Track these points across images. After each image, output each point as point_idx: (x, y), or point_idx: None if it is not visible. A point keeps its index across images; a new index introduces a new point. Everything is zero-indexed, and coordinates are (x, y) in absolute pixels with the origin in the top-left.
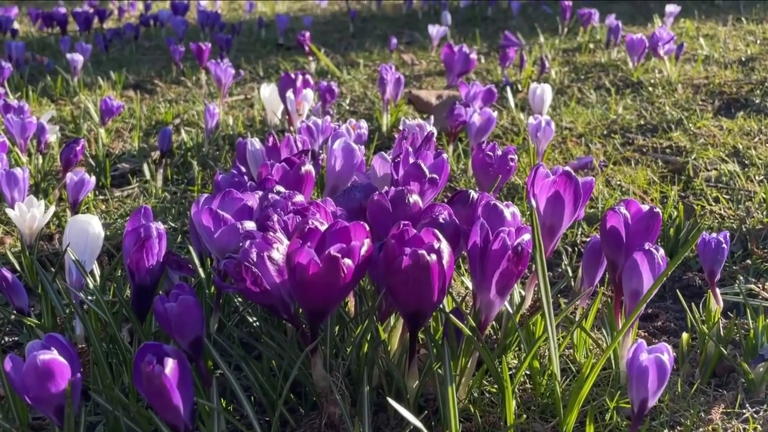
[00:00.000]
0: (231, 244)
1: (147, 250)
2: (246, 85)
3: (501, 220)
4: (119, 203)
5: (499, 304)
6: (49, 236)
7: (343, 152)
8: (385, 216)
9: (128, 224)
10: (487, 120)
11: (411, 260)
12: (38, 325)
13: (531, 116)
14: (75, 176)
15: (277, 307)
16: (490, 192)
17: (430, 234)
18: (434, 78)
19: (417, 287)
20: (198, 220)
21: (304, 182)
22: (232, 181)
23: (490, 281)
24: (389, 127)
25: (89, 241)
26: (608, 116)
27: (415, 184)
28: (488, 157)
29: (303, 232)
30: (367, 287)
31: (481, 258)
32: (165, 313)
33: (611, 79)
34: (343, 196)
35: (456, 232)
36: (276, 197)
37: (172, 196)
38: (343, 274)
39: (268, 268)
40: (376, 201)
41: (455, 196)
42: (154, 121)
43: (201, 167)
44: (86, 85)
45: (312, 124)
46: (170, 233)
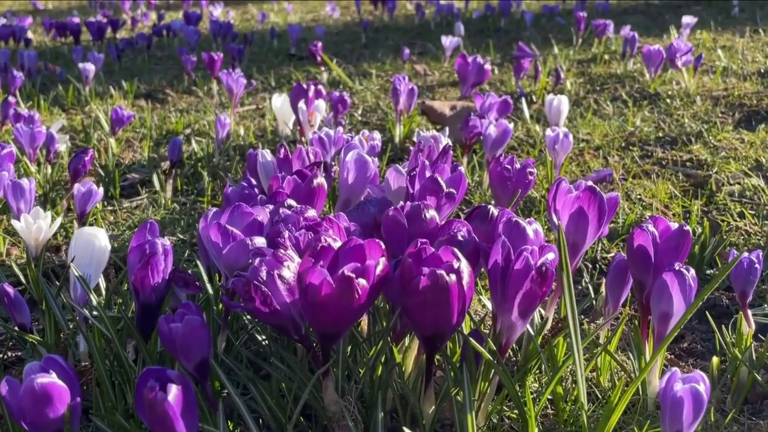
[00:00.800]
0: (240, 260)
1: (152, 267)
2: (258, 95)
3: (523, 238)
4: (128, 214)
5: (521, 326)
6: (56, 248)
7: (356, 164)
8: (401, 232)
9: (133, 240)
10: (503, 132)
11: (429, 281)
12: (40, 342)
13: (548, 128)
14: (82, 187)
15: (287, 327)
16: (509, 207)
17: (449, 253)
18: (447, 89)
19: (435, 309)
20: (206, 235)
21: (316, 195)
22: (242, 193)
23: (511, 303)
24: (402, 139)
25: (95, 255)
26: (626, 128)
27: (432, 199)
28: (506, 170)
29: (315, 250)
30: (381, 305)
31: (502, 278)
32: (170, 334)
33: (628, 91)
34: (356, 210)
35: (475, 250)
36: (287, 212)
37: (181, 207)
38: (357, 296)
39: (279, 288)
40: (391, 216)
41: (474, 211)
42: (165, 131)
43: (211, 178)
44: (98, 95)
45: (324, 135)
46: (179, 246)
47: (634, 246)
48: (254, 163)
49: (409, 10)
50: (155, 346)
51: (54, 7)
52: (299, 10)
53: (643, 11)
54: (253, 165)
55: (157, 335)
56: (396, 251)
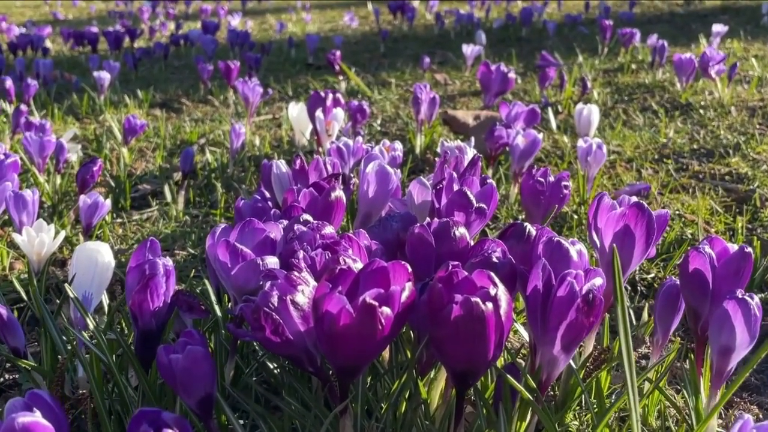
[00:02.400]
0: (250, 282)
1: (151, 290)
2: (274, 105)
3: (566, 261)
4: (137, 227)
5: (564, 361)
6: (62, 262)
7: (377, 176)
8: (427, 251)
9: (132, 259)
10: (531, 142)
11: (462, 310)
12: (35, 368)
13: (579, 139)
14: (88, 199)
15: (300, 359)
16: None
17: (485, 277)
18: (469, 98)
19: (469, 342)
20: (213, 253)
21: (334, 210)
22: (255, 207)
23: (554, 334)
24: (423, 149)
25: (98, 272)
26: (658, 140)
27: (460, 215)
28: (539, 183)
29: (333, 273)
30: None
31: (543, 306)
32: (169, 366)
33: (658, 101)
34: (378, 226)
35: (512, 273)
36: (302, 228)
37: (193, 219)
38: (380, 327)
39: (292, 315)
40: (416, 234)
41: (508, 229)
42: (179, 141)
43: (225, 189)
44: (112, 104)
45: (342, 146)
46: (188, 261)
47: (690, 270)
48: (268, 174)
49: (429, 19)
50: (157, 376)
51: (74, 17)
52: (317, 20)
53: (668, 21)
54: (268, 176)
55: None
56: (422, 273)
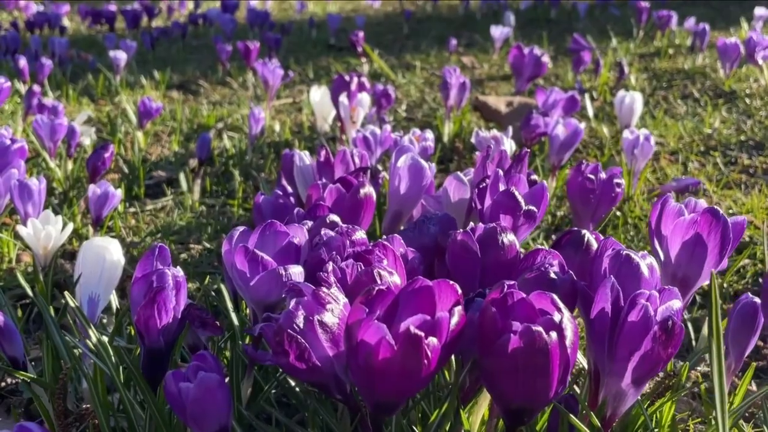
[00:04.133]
0: (271, 294)
1: (159, 305)
2: (295, 88)
3: (636, 278)
4: (151, 218)
5: (633, 396)
6: (71, 254)
7: (409, 171)
8: (472, 262)
9: (138, 268)
10: (572, 133)
11: (522, 342)
12: (34, 380)
13: (626, 130)
14: (98, 189)
15: (328, 386)
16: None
17: (546, 300)
18: (497, 83)
19: (529, 377)
20: (230, 261)
21: (363, 208)
22: (276, 204)
23: (623, 366)
24: (451, 137)
25: (105, 270)
26: (702, 130)
27: (507, 218)
28: (589, 181)
29: (370, 295)
30: None
31: (611, 333)
32: (179, 396)
33: (699, 88)
34: (413, 230)
35: (572, 292)
36: (330, 233)
37: (209, 210)
38: (426, 361)
39: (319, 338)
40: (459, 242)
41: (564, 237)
42: (196, 125)
43: (243, 178)
44: (128, 85)
45: (369, 134)
46: (204, 256)
47: None
48: (290, 165)
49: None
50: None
51: None
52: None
53: (705, 2)
54: (289, 168)
55: None
56: (465, 286)
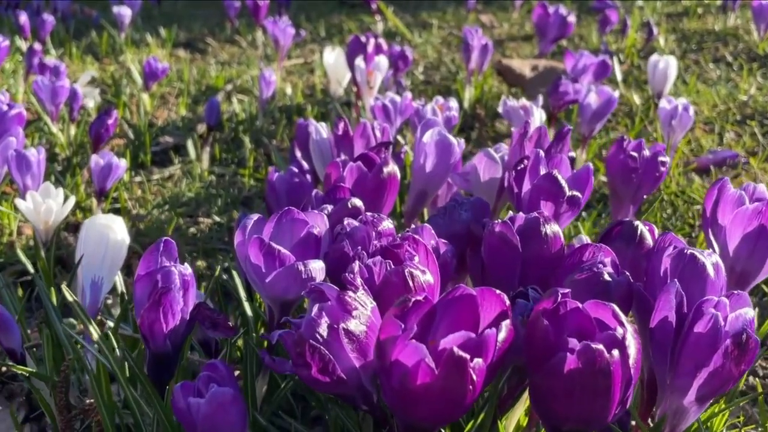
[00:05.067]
0: (290, 291)
1: (165, 308)
2: (306, 47)
3: (701, 280)
4: (158, 188)
5: (695, 413)
6: (74, 226)
7: (437, 148)
8: (511, 256)
9: (141, 264)
10: (606, 102)
11: (581, 362)
12: (34, 374)
13: (663, 99)
14: (101, 160)
15: (353, 397)
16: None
17: (605, 311)
18: (519, 44)
19: (586, 399)
20: (244, 253)
21: (387, 189)
22: (291, 182)
23: (687, 381)
24: (472, 102)
25: (109, 251)
26: (737, 97)
27: (548, 205)
28: (632, 159)
29: (405, 308)
30: None
31: (674, 344)
32: (188, 412)
33: (731, 51)
34: (443, 216)
35: (628, 295)
36: (354, 224)
37: (218, 180)
38: (471, 387)
39: (345, 348)
40: (498, 234)
41: (614, 229)
42: (204, 86)
43: (254, 145)
44: (133, 42)
45: (389, 103)
46: (214, 230)
47: None
48: (304, 135)
49: None
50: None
51: None
52: None
53: None
54: (303, 138)
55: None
56: (503, 283)
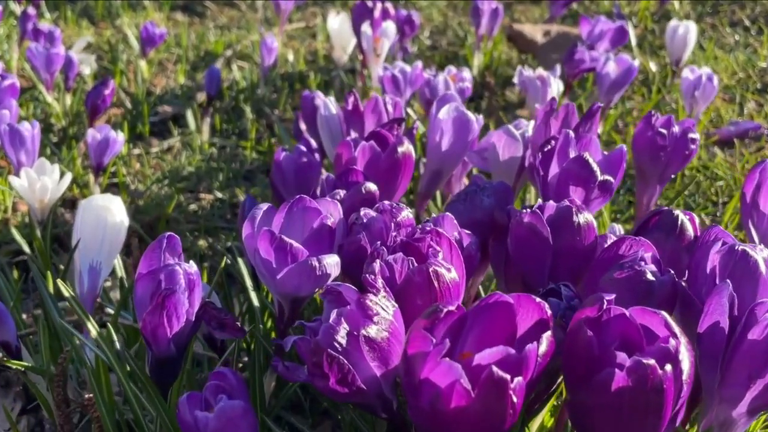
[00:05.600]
0: (302, 288)
1: (169, 311)
2: (307, 10)
3: (753, 279)
4: (157, 161)
5: (744, 425)
6: (71, 201)
7: (454, 124)
8: (541, 249)
9: (143, 261)
10: (625, 72)
11: (631, 379)
12: (29, 368)
13: (686, 68)
14: (98, 134)
15: (373, 406)
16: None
17: (655, 320)
18: (526, 6)
19: (634, 418)
20: (253, 246)
21: (401, 169)
22: (299, 162)
23: (738, 392)
24: (481, 70)
25: (108, 235)
26: (756, 64)
27: (578, 191)
28: (660, 136)
29: (436, 319)
30: None
31: (724, 352)
32: (195, 426)
33: (749, 14)
34: (464, 202)
35: (672, 295)
36: (371, 214)
37: (220, 152)
38: (511, 410)
39: (365, 356)
40: (527, 224)
41: (652, 219)
42: (203, 52)
43: (255, 115)
44: (130, 6)
45: (398, 73)
46: (216, 207)
47: None
48: (311, 109)
49: None
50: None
51: None
52: None
53: None
54: (309, 112)
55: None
56: (531, 278)
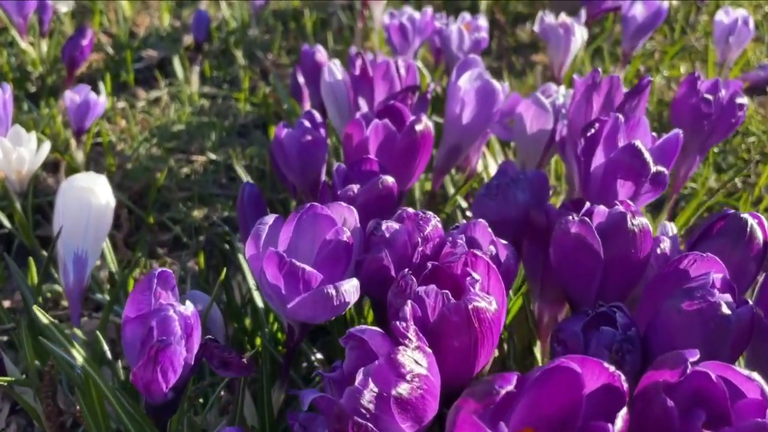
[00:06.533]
0: (317, 317)
1: (164, 365)
2: None
3: None
4: (144, 116)
5: None
6: (53, 165)
7: (477, 95)
8: (590, 262)
9: (130, 302)
10: (654, 14)
11: None
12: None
13: (720, 11)
14: (77, 96)
15: None
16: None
17: (750, 385)
18: None
19: None
20: (258, 268)
21: (419, 150)
22: (303, 140)
23: None
24: (489, 6)
25: (92, 220)
26: None
27: (627, 185)
28: (706, 103)
29: (491, 399)
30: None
31: None
32: None
33: None
34: (495, 196)
35: (749, 329)
36: (393, 227)
37: (211, 104)
38: None
39: (396, 418)
40: (575, 235)
41: (716, 224)
42: None
43: (247, 60)
44: None
45: (406, 21)
46: (209, 171)
47: None
48: (312, 66)
49: None
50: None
51: None
52: None
53: None
54: (311, 68)
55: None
56: (575, 293)
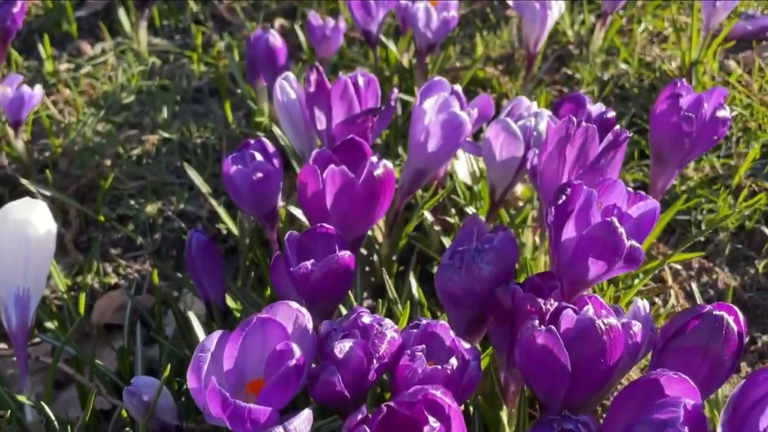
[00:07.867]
0: None
1: None
2: None
3: None
4: (90, 81)
5: None
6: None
7: (443, 128)
8: (557, 371)
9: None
10: None
11: None
12: None
13: None
14: (9, 90)
15: None
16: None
17: None
18: None
19: None
20: (201, 403)
21: (380, 197)
22: (253, 178)
23: None
24: None
25: (32, 255)
26: None
27: (599, 264)
28: (687, 122)
29: None
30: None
31: None
32: None
33: None
34: (459, 269)
35: None
36: (345, 348)
37: (162, 63)
38: None
39: None
40: (541, 346)
41: (689, 323)
42: None
43: (200, 5)
44: None
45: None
46: (164, 155)
47: None
48: (264, 52)
49: None
50: None
51: None
52: None
53: None
54: (262, 55)
55: None
56: (541, 395)
